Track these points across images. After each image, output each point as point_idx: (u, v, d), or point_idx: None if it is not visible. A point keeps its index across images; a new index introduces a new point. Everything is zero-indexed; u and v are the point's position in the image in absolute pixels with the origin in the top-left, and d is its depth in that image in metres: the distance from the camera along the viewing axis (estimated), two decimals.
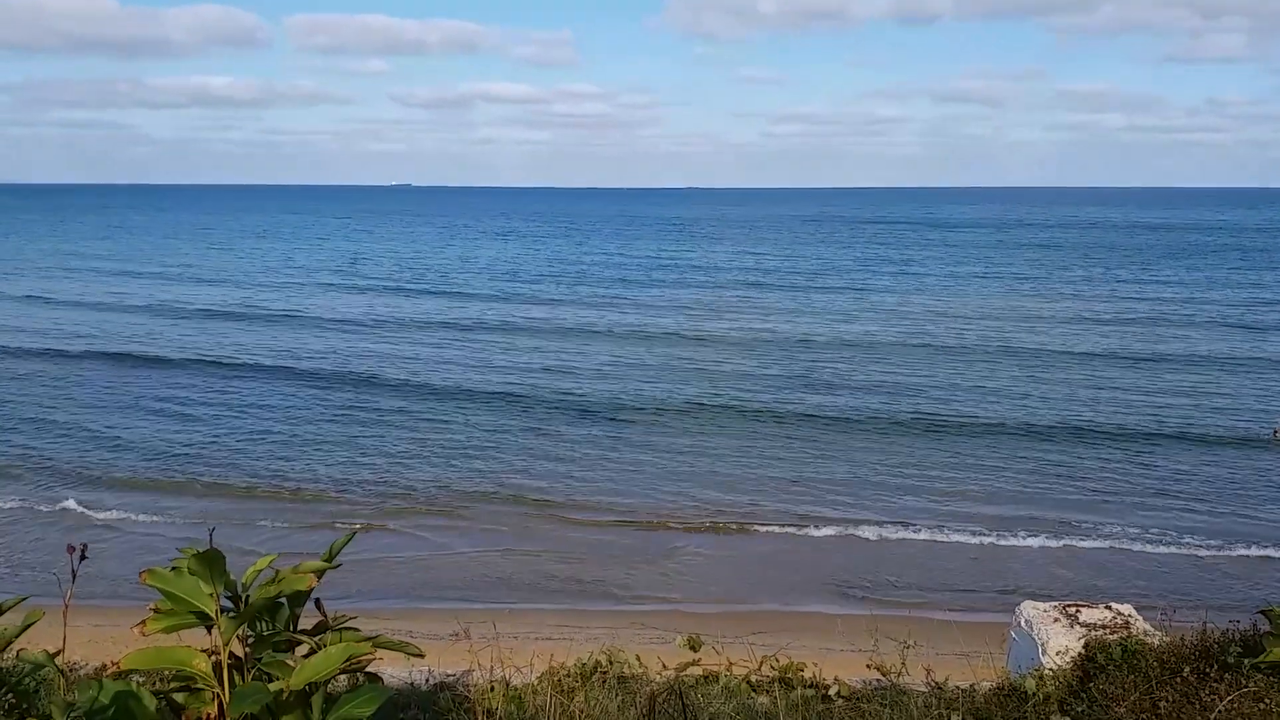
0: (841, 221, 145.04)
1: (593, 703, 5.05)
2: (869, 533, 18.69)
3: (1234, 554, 17.78)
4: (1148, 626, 5.94)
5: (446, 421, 26.33)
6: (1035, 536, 18.46)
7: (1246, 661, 4.53)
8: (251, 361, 34.29)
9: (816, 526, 18.98)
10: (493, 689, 5.09)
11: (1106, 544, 18.20)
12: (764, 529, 18.81)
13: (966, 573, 17.08)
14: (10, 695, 2.95)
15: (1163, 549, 17.98)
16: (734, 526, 19.02)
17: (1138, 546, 18.13)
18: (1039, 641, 5.87)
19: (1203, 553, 17.84)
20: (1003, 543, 18.26)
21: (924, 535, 18.60)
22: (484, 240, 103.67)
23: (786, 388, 30.24)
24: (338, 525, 18.35)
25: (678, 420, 26.54)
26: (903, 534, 18.66)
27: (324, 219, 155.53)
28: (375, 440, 24.54)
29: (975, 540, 18.35)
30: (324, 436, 24.80)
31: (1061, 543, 18.23)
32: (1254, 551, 17.89)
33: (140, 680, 3.48)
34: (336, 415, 27.00)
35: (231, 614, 2.92)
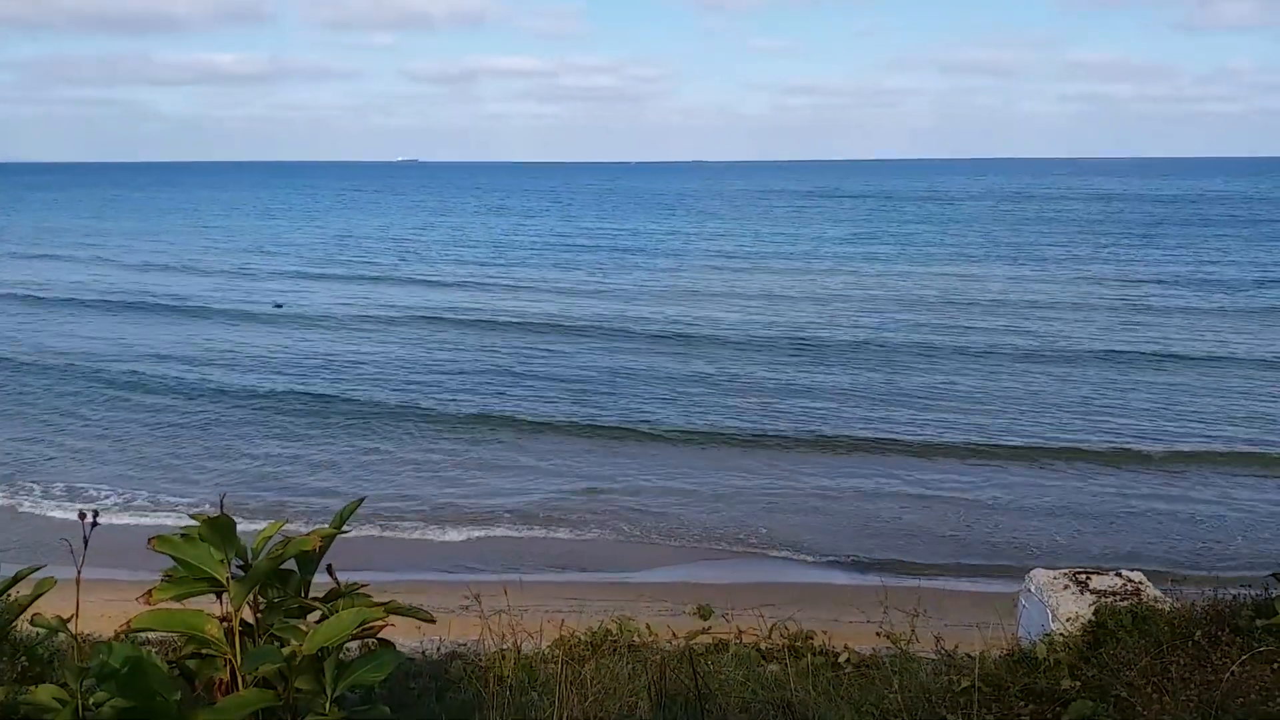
0: (845, 196, 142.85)
1: (604, 670, 5.06)
2: (877, 508, 18.72)
3: (1250, 525, 17.78)
4: (1158, 593, 5.93)
5: (437, 418, 25.91)
6: (1045, 512, 18.50)
7: (1259, 623, 4.52)
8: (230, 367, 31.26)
9: (824, 498, 19.03)
10: (504, 657, 5.11)
11: (1117, 520, 18.22)
12: (767, 519, 18.82)
13: (977, 545, 17.12)
14: (25, 660, 2.97)
15: (1176, 521, 17.98)
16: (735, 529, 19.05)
17: (1149, 518, 18.15)
18: (1049, 608, 5.87)
19: (1217, 525, 17.85)
20: (1014, 516, 18.29)
21: (932, 508, 18.63)
22: (476, 219, 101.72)
23: (782, 369, 30.05)
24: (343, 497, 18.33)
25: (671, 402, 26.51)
26: (911, 509, 18.69)
27: (322, 196, 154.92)
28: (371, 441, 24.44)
29: (986, 514, 18.38)
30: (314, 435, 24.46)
31: (1072, 516, 18.26)
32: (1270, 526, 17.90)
33: (153, 649, 3.50)
34: (320, 409, 26.71)
35: (241, 580, 2.92)
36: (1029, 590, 6.27)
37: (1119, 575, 6.17)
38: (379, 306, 41.67)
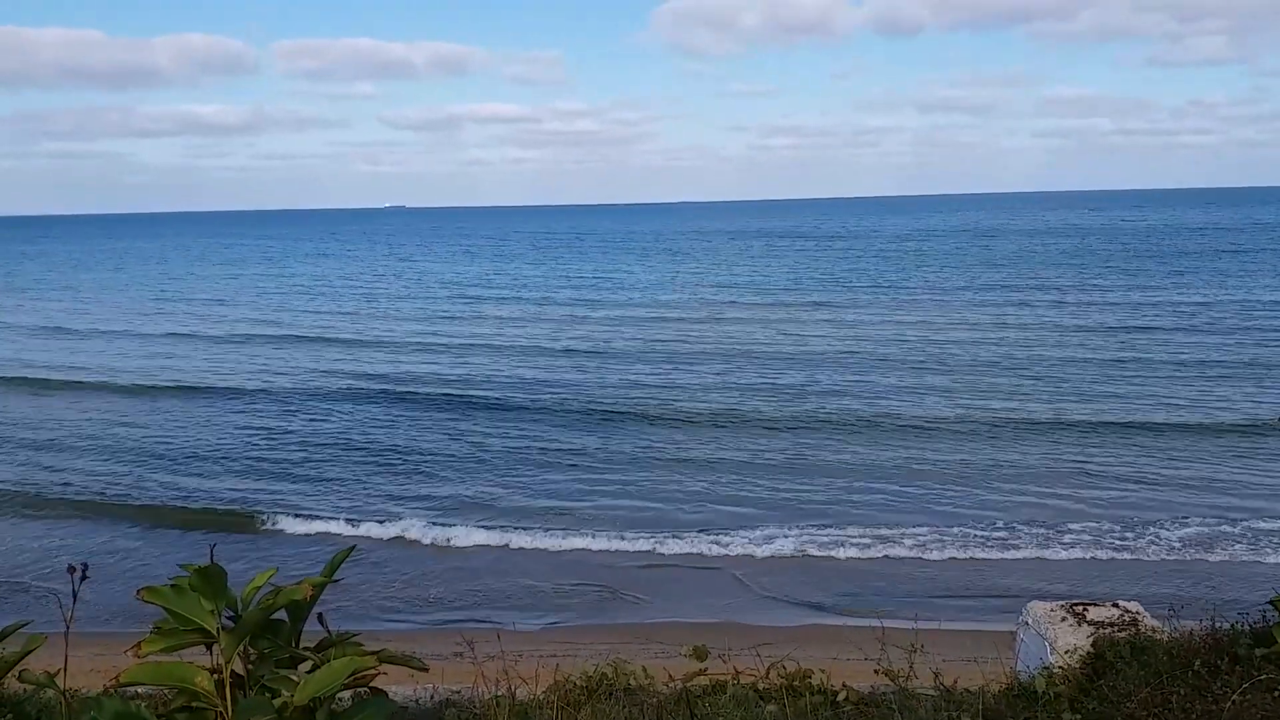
0: (821, 236, 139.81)
1: (599, 715, 5.00)
2: (873, 547, 18.62)
3: (1237, 551, 17.78)
4: (1155, 623, 5.89)
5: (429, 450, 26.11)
6: (1038, 543, 18.46)
7: (1258, 652, 4.50)
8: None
9: (815, 543, 18.94)
10: (498, 704, 5.04)
11: (1107, 549, 18.19)
12: (764, 544, 18.74)
13: (970, 580, 17.04)
14: (12, 717, 2.92)
15: (1165, 549, 17.96)
16: (729, 539, 18.95)
17: (1139, 547, 18.13)
18: (1047, 641, 5.83)
19: (1207, 552, 17.84)
20: (1005, 551, 18.23)
21: (925, 545, 18.55)
22: (448, 265, 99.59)
23: (759, 405, 29.89)
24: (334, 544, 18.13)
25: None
26: (904, 544, 18.61)
27: (301, 243, 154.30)
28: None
29: (977, 549, 18.31)
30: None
31: (1063, 547, 18.22)
32: (1255, 549, 17.88)
33: (143, 703, 3.44)
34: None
35: (232, 631, 2.88)
36: (1026, 623, 6.23)
37: (1116, 606, 6.14)
38: (322, 375, 36.98)
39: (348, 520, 20.34)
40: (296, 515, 20.68)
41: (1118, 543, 18.26)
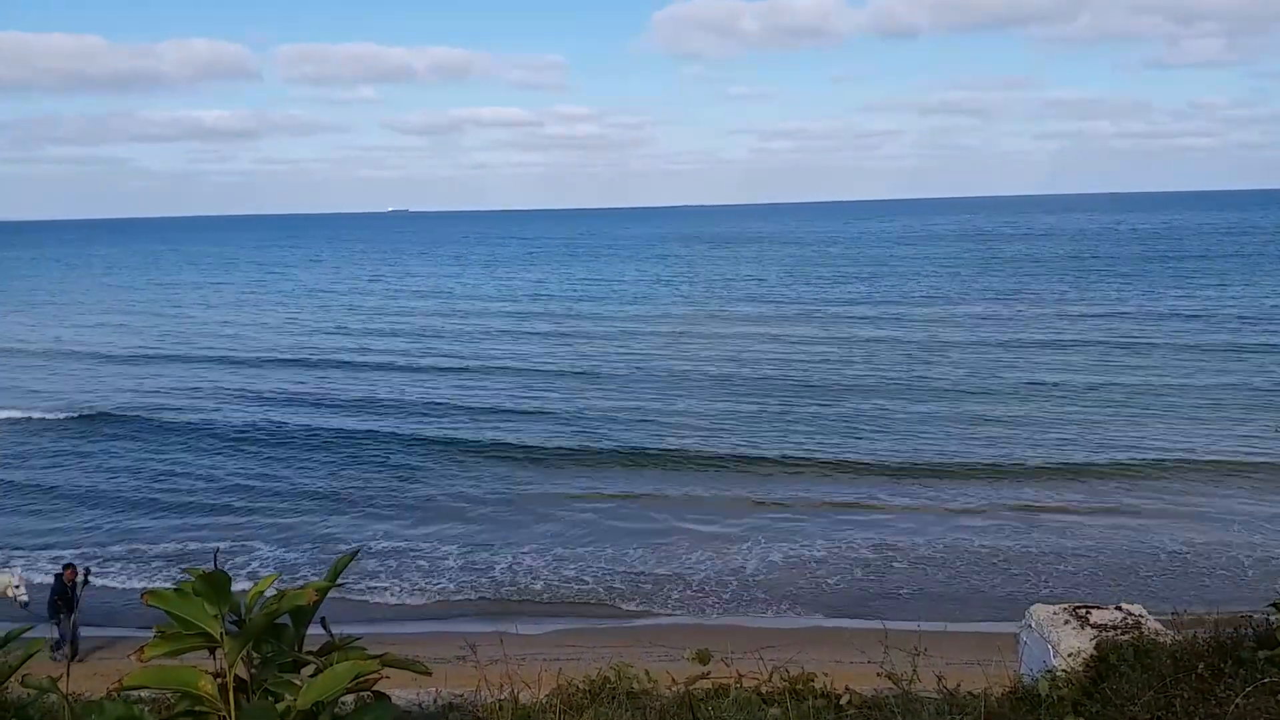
0: (818, 241, 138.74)
1: (602, 719, 5.00)
2: (873, 551, 18.64)
3: (1239, 554, 17.78)
4: (1159, 626, 5.87)
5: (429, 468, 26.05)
6: (1038, 546, 18.46)
7: (1261, 655, 4.48)
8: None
9: (815, 546, 18.94)
10: (501, 708, 5.04)
11: (1110, 556, 18.18)
12: (766, 554, 18.75)
13: (975, 585, 17.03)
14: None
15: (1167, 553, 17.96)
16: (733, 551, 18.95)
17: (1141, 551, 18.12)
18: (1050, 644, 5.81)
19: (1206, 555, 17.83)
20: (1010, 553, 18.23)
21: (930, 551, 18.56)
22: (440, 268, 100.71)
23: (754, 428, 29.43)
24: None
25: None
26: (909, 550, 18.61)
27: (297, 249, 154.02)
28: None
29: (981, 554, 18.31)
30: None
31: (1066, 552, 18.21)
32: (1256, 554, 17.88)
33: (145, 708, 3.44)
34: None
35: (236, 635, 2.88)
36: (1029, 626, 6.21)
37: (1119, 609, 6.12)
38: (270, 403, 34.96)
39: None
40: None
41: (1121, 550, 18.28)
